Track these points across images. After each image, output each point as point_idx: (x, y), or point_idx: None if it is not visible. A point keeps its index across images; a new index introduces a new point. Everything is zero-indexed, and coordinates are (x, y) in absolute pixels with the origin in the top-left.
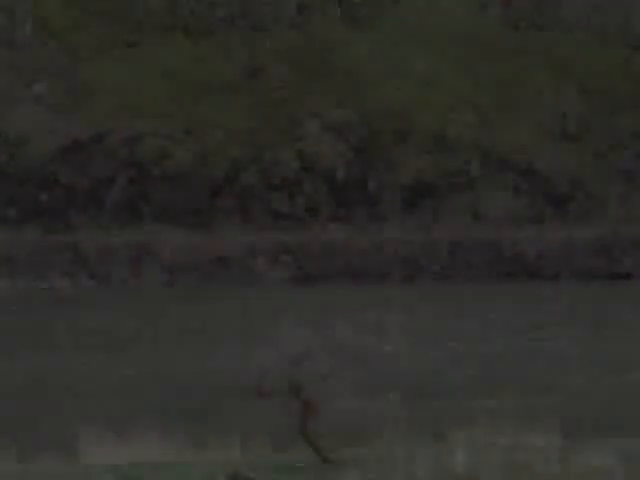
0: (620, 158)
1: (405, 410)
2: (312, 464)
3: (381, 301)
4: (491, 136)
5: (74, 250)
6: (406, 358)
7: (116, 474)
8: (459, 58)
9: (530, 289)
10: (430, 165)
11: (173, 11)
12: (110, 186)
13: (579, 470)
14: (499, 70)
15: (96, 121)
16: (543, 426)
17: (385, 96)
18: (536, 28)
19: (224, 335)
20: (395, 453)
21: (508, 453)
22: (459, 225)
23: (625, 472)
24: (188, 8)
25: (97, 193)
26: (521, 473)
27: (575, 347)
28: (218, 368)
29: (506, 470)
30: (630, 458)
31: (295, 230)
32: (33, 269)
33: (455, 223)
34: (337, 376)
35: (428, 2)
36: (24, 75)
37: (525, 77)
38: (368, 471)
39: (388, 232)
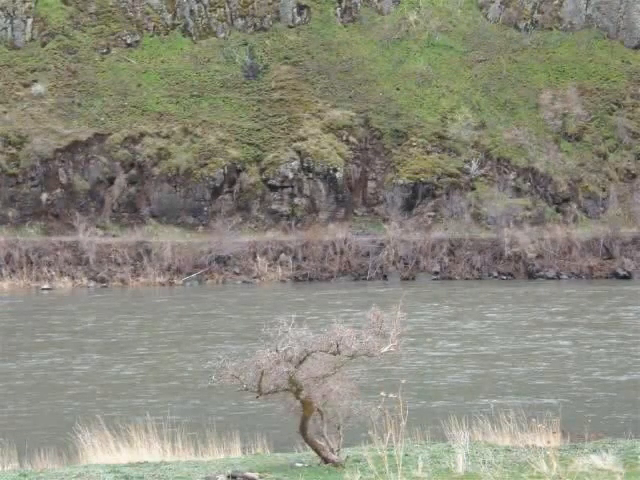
0: (620, 158)
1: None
2: (312, 464)
3: (381, 300)
4: (491, 136)
5: (74, 250)
6: (405, 357)
7: (116, 474)
8: (459, 58)
9: (530, 289)
10: (430, 165)
11: (173, 11)
12: (110, 186)
13: (579, 470)
14: (499, 70)
15: (96, 121)
16: (543, 426)
17: (385, 96)
18: (536, 28)
19: (224, 335)
20: (395, 453)
21: (508, 453)
22: (459, 225)
23: (625, 472)
24: (188, 8)
25: (97, 193)
26: (521, 473)
27: (574, 347)
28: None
29: (506, 470)
30: (630, 458)
31: (295, 230)
32: (33, 269)
33: (455, 223)
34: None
35: (428, 2)
36: (24, 75)
37: (525, 77)
38: (368, 471)
39: (388, 232)
